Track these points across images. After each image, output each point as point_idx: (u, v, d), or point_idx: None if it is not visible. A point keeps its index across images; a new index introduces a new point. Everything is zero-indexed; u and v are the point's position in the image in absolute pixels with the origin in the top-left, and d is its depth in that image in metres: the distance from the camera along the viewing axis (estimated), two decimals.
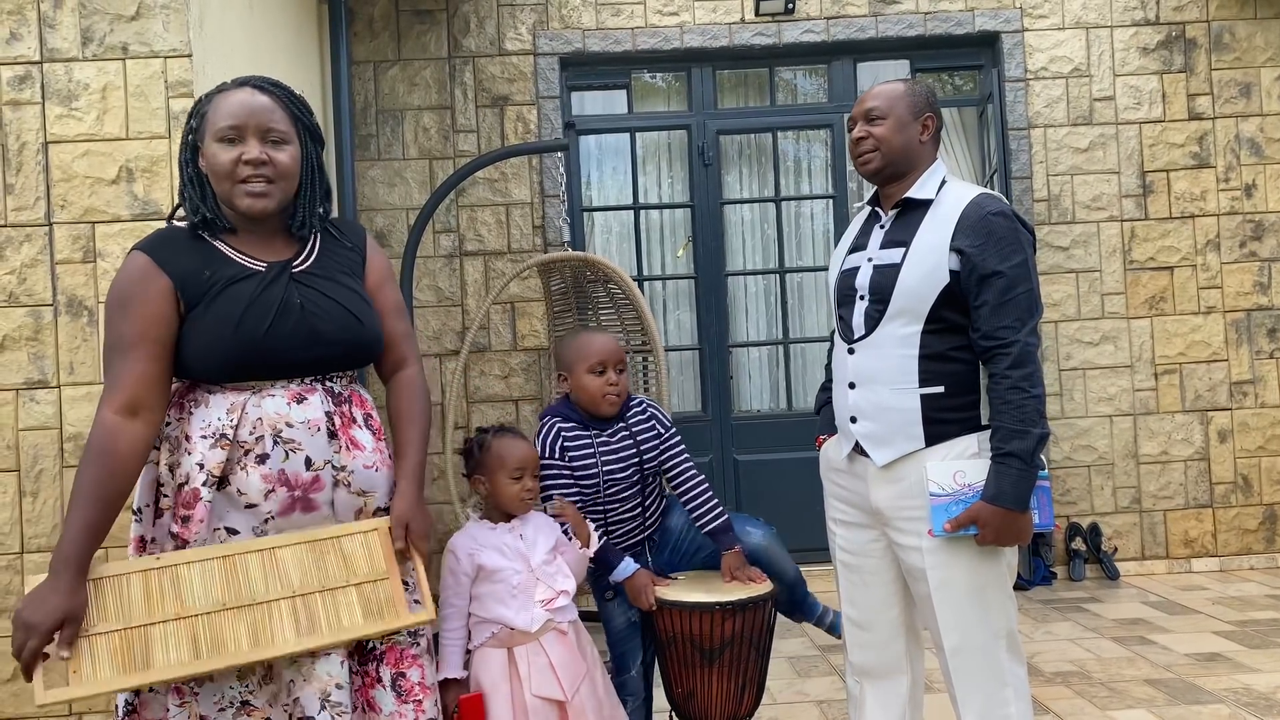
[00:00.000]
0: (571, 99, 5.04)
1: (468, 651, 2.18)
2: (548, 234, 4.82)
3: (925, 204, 2.08)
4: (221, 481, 1.74)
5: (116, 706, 1.76)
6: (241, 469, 1.73)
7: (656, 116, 5.15)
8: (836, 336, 2.22)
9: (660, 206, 5.21)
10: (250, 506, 1.74)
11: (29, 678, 1.58)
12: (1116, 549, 4.85)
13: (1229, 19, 4.92)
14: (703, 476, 2.49)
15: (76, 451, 2.61)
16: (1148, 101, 4.91)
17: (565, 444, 2.38)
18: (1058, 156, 4.91)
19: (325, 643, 1.69)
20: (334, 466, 1.79)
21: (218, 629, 1.66)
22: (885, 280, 2.06)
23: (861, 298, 2.12)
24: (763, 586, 2.40)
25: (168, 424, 1.80)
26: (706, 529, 2.43)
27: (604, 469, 2.38)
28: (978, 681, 2.03)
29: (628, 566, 2.36)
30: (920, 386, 2.02)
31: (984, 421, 2.03)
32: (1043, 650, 3.68)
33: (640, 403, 2.51)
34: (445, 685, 2.09)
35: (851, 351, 2.13)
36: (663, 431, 2.48)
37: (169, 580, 1.68)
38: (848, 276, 2.18)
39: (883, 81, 2.20)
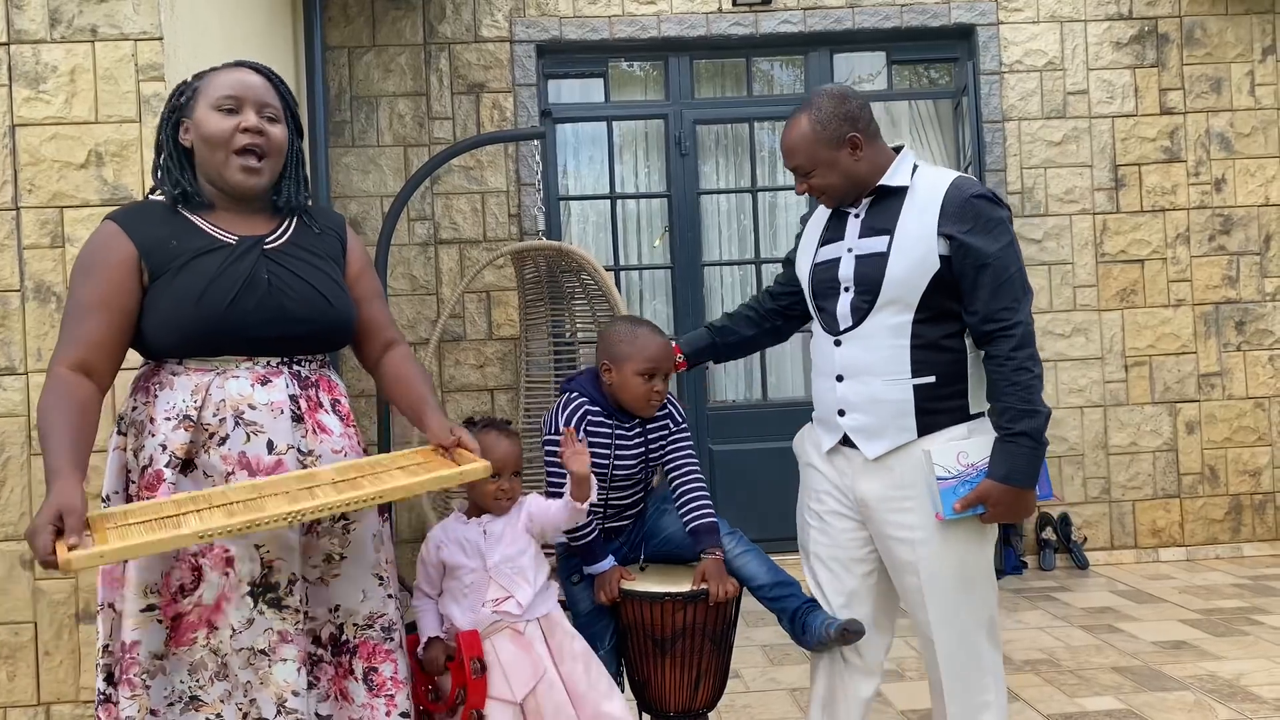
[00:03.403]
0: (548, 87, 5.01)
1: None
2: (524, 223, 4.79)
3: (901, 190, 2.06)
4: (188, 465, 1.72)
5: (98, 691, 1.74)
6: (206, 451, 1.72)
7: (633, 106, 5.14)
8: (818, 328, 2.17)
9: (637, 196, 5.20)
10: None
11: (50, 565, 1.50)
12: (1086, 539, 4.91)
13: (1201, 14, 4.97)
14: (700, 474, 2.38)
15: None
16: (1120, 96, 4.95)
17: (589, 428, 2.30)
18: (1031, 149, 4.95)
19: (371, 492, 1.63)
20: (299, 451, 1.77)
21: (255, 504, 1.61)
22: (871, 270, 2.03)
23: (846, 289, 2.08)
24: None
25: (133, 409, 1.78)
26: (690, 525, 2.34)
27: (615, 462, 2.32)
28: (961, 669, 2.04)
29: (605, 564, 2.34)
30: (913, 377, 2.00)
31: (972, 411, 2.03)
32: (1013, 638, 3.72)
33: None
34: (430, 644, 2.12)
35: (838, 344, 2.09)
36: (673, 427, 2.40)
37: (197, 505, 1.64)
38: (827, 268, 2.13)
39: (788, 124, 2.10)
